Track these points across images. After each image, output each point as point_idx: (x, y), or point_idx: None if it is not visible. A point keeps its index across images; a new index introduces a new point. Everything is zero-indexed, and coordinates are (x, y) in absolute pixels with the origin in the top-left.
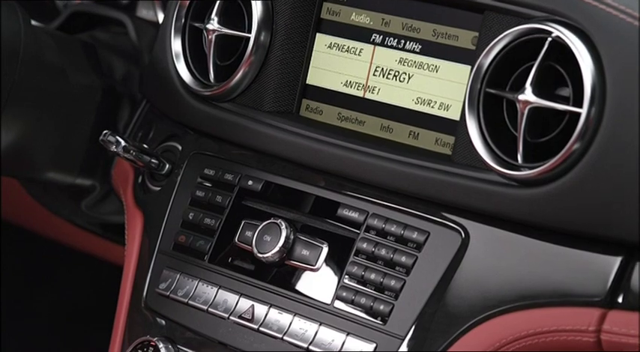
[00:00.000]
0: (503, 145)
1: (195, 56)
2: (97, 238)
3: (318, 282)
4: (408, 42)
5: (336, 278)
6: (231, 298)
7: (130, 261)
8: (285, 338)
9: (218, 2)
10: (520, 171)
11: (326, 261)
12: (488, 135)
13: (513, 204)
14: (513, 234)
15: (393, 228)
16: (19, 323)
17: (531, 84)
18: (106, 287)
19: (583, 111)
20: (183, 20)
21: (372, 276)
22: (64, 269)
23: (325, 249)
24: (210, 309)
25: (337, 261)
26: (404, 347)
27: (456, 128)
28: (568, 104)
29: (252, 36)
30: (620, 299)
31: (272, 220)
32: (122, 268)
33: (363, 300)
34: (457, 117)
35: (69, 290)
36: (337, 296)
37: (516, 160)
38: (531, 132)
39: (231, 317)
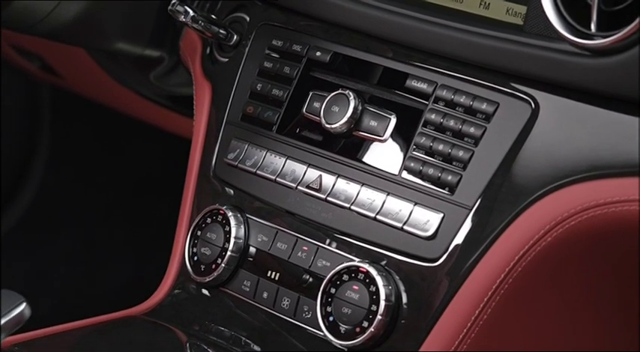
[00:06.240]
0: (576, 14)
1: None
2: (165, 110)
3: (386, 153)
4: None
5: (403, 149)
6: (299, 168)
7: (198, 131)
8: (352, 207)
9: None
10: (593, 40)
11: (394, 132)
12: (561, 3)
13: (585, 73)
14: (585, 105)
15: (462, 99)
16: (87, 194)
17: None
18: (173, 159)
19: None
20: None
21: (440, 147)
22: (131, 141)
23: (393, 120)
24: (278, 179)
25: (405, 132)
26: (471, 217)
27: None
28: None
29: None
30: None
31: (340, 91)
32: (190, 140)
33: (430, 171)
34: None
35: (137, 162)
36: (405, 167)
37: (589, 29)
38: (605, 1)
39: (299, 187)
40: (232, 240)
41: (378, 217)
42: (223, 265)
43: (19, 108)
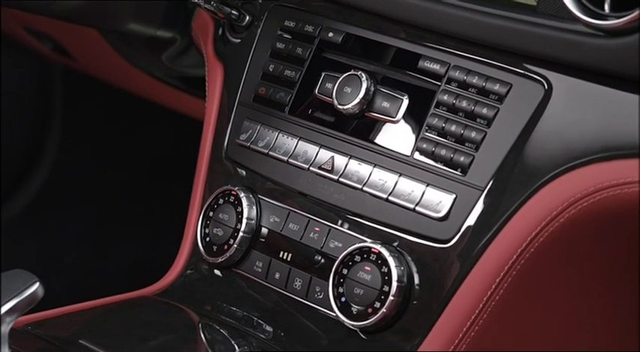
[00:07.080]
0: None
1: None
2: (177, 91)
3: (398, 134)
4: None
5: (416, 130)
6: (311, 149)
7: (210, 112)
8: (364, 188)
9: None
10: (607, 20)
11: (406, 112)
12: None
13: (599, 54)
14: (598, 86)
15: (475, 80)
16: (100, 175)
17: None
18: (186, 140)
19: None
20: None
21: (453, 128)
22: (143, 123)
23: (405, 101)
24: (290, 160)
25: (417, 113)
26: (483, 198)
27: None
28: None
29: None
30: None
31: (352, 72)
32: (202, 122)
33: (443, 152)
34: None
35: (149, 143)
36: (417, 148)
37: (603, 10)
38: None
39: (311, 168)
40: (244, 221)
41: (391, 198)
42: (235, 246)
43: (32, 90)
